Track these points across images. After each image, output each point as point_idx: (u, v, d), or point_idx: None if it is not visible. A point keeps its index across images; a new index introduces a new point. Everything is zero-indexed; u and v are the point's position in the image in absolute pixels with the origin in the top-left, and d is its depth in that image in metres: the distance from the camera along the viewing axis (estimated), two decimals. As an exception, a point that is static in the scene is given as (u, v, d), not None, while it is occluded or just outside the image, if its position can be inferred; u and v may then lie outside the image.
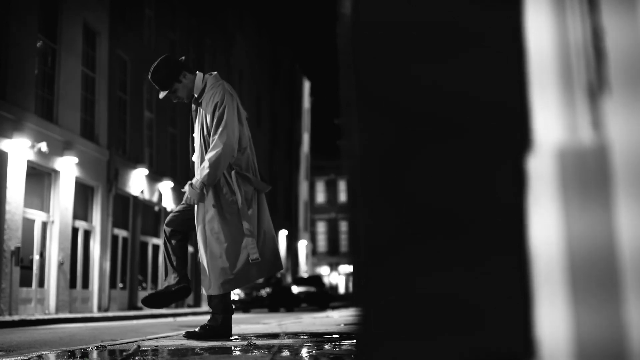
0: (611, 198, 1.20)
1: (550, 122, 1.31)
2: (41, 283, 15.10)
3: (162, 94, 4.53)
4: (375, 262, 1.41)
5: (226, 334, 4.38)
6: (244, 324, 7.75)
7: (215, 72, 4.62)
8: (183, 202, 4.55)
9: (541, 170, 1.31)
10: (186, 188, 4.41)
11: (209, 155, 4.29)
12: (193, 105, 4.56)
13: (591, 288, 1.20)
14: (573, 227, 1.22)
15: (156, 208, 21.56)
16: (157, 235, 21.75)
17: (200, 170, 4.32)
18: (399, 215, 1.40)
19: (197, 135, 4.52)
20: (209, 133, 4.40)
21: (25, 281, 14.44)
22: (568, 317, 1.20)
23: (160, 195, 21.45)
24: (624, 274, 1.16)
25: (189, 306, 22.43)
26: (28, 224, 14.66)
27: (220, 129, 4.30)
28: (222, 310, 4.39)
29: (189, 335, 4.37)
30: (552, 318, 1.25)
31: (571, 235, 1.22)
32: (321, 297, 26.07)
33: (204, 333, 4.35)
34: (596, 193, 1.21)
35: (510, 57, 1.42)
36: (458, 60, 1.43)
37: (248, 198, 4.46)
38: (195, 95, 4.51)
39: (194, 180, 4.37)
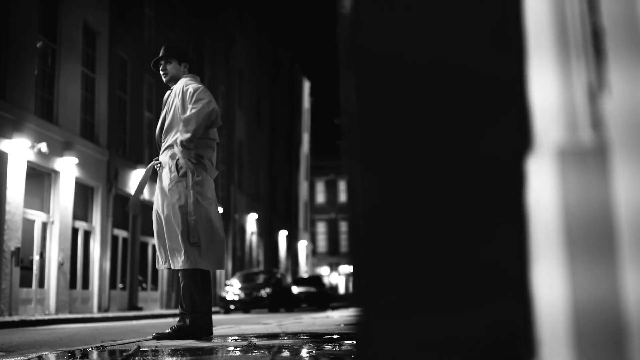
0: (611, 197, 1.19)
1: (550, 121, 1.31)
2: (41, 283, 15.09)
3: (158, 58, 4.93)
4: (375, 249, 1.41)
5: (195, 334, 4.44)
6: (244, 324, 7.74)
7: (197, 76, 4.97)
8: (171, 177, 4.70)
9: (541, 170, 1.31)
10: (176, 150, 4.60)
11: (186, 115, 4.55)
12: (168, 92, 4.90)
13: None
14: (573, 222, 1.22)
15: (156, 208, 21.54)
16: (157, 236, 21.72)
17: (180, 132, 4.55)
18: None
19: (165, 116, 4.81)
20: (175, 115, 4.71)
21: (25, 281, 14.43)
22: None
23: (160, 196, 21.42)
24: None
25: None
26: (28, 224, 14.65)
27: (197, 99, 4.60)
28: (190, 310, 4.48)
29: (159, 337, 4.43)
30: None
31: (571, 231, 1.22)
32: (321, 298, 26.05)
33: (173, 334, 4.47)
34: (596, 192, 1.21)
35: (510, 53, 1.42)
36: (455, 48, 1.43)
37: (206, 188, 4.68)
38: (171, 86, 4.91)
39: (178, 141, 4.57)
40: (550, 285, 1.26)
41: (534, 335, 1.33)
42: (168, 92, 4.92)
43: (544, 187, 1.29)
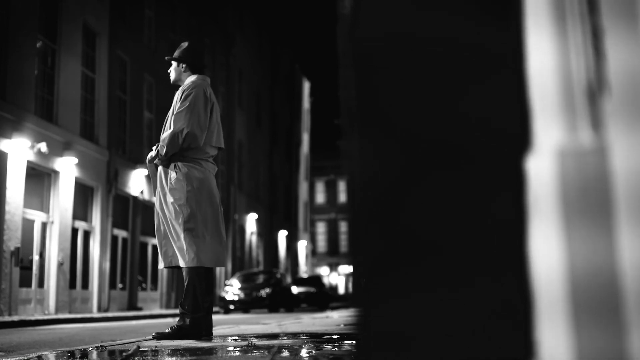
0: (612, 200, 1.19)
1: (550, 122, 1.31)
2: (41, 283, 15.09)
3: (170, 58, 5.14)
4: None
5: (195, 334, 4.46)
6: (243, 325, 7.75)
7: (206, 76, 5.03)
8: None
9: (541, 171, 1.31)
10: (153, 151, 4.80)
11: (165, 134, 4.71)
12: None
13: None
14: (574, 229, 1.22)
15: (156, 208, 21.52)
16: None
17: (160, 146, 4.72)
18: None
19: (169, 114, 4.92)
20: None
21: (25, 281, 14.43)
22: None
23: (160, 196, 21.42)
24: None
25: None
26: (28, 224, 14.65)
27: (183, 109, 4.69)
28: (191, 310, 4.49)
29: (159, 337, 4.45)
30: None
31: (572, 237, 1.22)
32: (321, 298, 26.07)
33: (173, 334, 4.50)
34: (596, 193, 1.21)
35: (512, 70, 1.42)
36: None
37: (206, 186, 4.75)
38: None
39: (160, 148, 4.75)
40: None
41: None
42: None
43: (543, 188, 1.29)
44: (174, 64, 5.03)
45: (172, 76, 5.05)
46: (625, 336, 1.14)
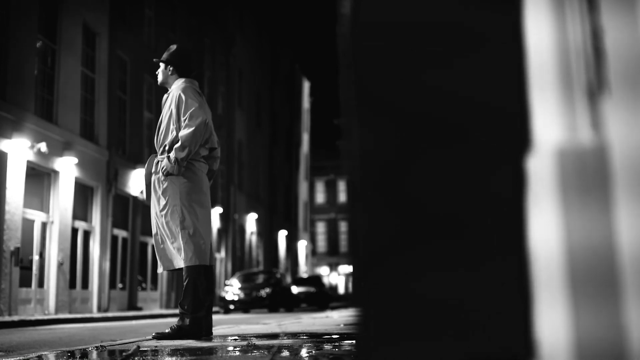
0: (610, 198, 1.20)
1: (550, 122, 1.31)
2: (41, 283, 15.09)
3: (158, 60, 5.14)
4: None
5: (195, 334, 4.47)
6: (243, 324, 7.75)
7: (193, 80, 5.03)
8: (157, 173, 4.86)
9: (540, 170, 1.31)
10: (164, 161, 4.72)
11: (182, 133, 4.65)
12: (165, 96, 5.01)
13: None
14: (573, 228, 1.22)
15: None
16: (156, 236, 21.69)
17: (175, 150, 4.64)
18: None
19: (161, 120, 4.91)
20: (170, 120, 4.79)
21: (25, 281, 14.43)
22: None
23: (160, 196, 21.39)
24: (623, 274, 1.16)
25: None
26: (28, 224, 14.64)
27: (190, 112, 4.67)
28: (191, 310, 4.50)
29: (159, 337, 4.45)
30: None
31: (571, 234, 1.22)
32: (321, 298, 26.07)
33: (173, 334, 4.51)
34: (595, 193, 1.21)
35: (510, 56, 1.42)
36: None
37: (199, 187, 4.78)
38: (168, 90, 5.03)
39: (171, 154, 4.68)
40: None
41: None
42: (165, 95, 5.01)
43: (543, 187, 1.29)
44: (162, 66, 5.05)
45: (160, 78, 5.07)
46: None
